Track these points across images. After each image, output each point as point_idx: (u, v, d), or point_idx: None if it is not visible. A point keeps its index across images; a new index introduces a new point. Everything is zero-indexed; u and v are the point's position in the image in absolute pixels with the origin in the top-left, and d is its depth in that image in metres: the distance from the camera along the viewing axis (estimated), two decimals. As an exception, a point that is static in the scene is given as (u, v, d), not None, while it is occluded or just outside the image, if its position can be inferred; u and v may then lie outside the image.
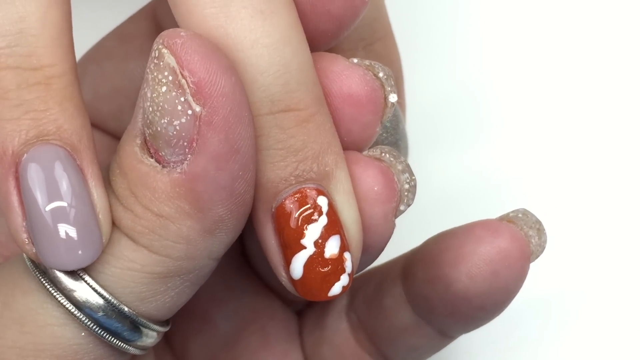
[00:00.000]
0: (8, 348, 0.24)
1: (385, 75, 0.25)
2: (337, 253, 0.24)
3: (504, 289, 0.27)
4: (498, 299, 0.27)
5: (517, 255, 0.27)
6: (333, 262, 0.24)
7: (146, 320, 0.24)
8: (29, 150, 0.23)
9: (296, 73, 0.23)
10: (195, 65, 0.22)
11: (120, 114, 0.31)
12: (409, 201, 0.26)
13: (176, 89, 0.22)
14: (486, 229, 0.27)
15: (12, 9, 0.23)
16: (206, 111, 0.22)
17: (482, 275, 0.27)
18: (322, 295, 0.25)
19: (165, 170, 0.23)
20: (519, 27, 0.41)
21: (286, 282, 0.25)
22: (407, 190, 0.26)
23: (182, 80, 0.22)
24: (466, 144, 0.39)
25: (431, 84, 0.39)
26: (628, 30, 0.41)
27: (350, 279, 0.25)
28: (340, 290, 0.25)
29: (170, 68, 0.22)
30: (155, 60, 0.22)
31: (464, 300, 0.27)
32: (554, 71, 0.41)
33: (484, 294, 0.27)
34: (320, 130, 0.24)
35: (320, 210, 0.24)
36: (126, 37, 0.31)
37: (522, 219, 0.27)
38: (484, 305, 0.27)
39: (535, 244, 0.27)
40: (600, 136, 0.40)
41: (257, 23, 0.23)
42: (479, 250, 0.27)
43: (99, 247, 0.23)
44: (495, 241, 0.27)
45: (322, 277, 0.24)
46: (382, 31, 0.31)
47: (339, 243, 0.24)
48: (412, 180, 0.26)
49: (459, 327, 0.29)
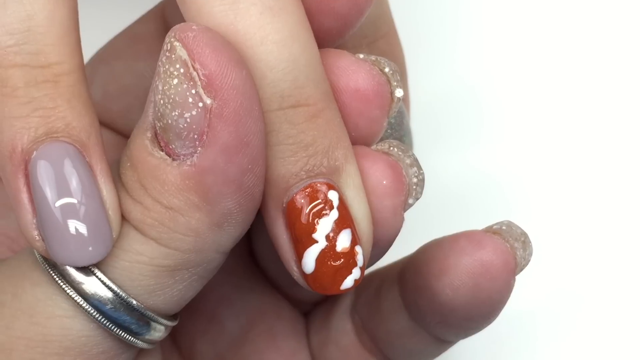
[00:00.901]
0: (17, 338, 0.24)
1: (391, 70, 0.26)
2: (348, 247, 0.24)
3: (487, 301, 0.27)
4: (483, 311, 0.27)
5: (501, 268, 0.26)
6: (345, 255, 0.24)
7: (154, 313, 0.24)
8: (39, 147, 0.23)
9: (305, 69, 0.24)
10: (207, 58, 0.22)
11: (129, 113, 0.31)
12: (418, 195, 0.26)
13: (187, 82, 0.22)
14: (470, 240, 0.27)
15: (20, 7, 0.23)
16: (217, 104, 0.22)
17: (465, 288, 0.27)
18: (334, 289, 0.25)
19: (175, 162, 0.23)
20: (522, 25, 0.41)
21: (298, 276, 0.25)
22: (416, 184, 0.26)
23: (193, 72, 0.22)
24: (469, 140, 0.40)
25: (434, 81, 0.40)
26: (629, 25, 0.41)
27: (361, 272, 0.25)
28: (352, 283, 0.25)
29: (182, 61, 0.22)
30: (167, 53, 0.22)
31: (450, 311, 0.27)
32: (558, 68, 0.41)
33: (467, 305, 0.27)
34: (329, 125, 0.24)
35: (331, 204, 0.24)
36: (136, 37, 0.31)
37: (506, 231, 0.27)
38: (470, 316, 0.27)
39: (520, 256, 0.27)
40: (603, 136, 0.40)
41: (266, 20, 0.23)
42: (461, 262, 0.27)
43: (109, 244, 0.23)
44: (478, 253, 0.27)
45: (335, 271, 0.24)
46: (385, 28, 0.32)
47: (350, 237, 0.24)
48: (421, 174, 0.26)
49: (451, 335, 0.29)
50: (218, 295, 0.31)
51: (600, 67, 0.41)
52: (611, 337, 0.39)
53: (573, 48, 0.41)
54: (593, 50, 0.41)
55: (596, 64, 0.41)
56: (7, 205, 0.28)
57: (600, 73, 0.41)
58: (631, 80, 0.41)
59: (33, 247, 0.24)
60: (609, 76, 0.41)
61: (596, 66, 0.41)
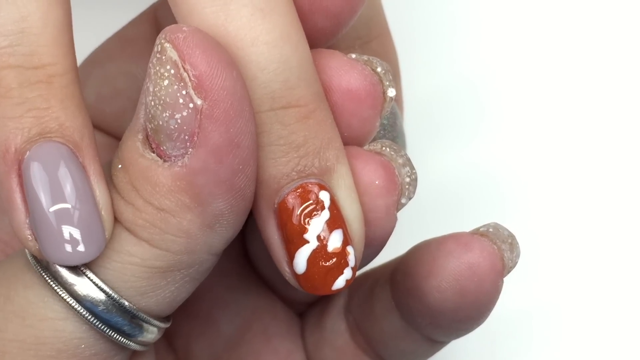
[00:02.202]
0: (9, 341, 0.24)
1: (383, 70, 0.26)
2: (340, 247, 0.24)
3: (475, 304, 0.27)
4: (471, 313, 0.27)
5: (488, 270, 0.26)
6: (336, 255, 0.24)
7: (146, 315, 0.24)
8: (32, 147, 0.23)
9: (296, 70, 0.24)
10: (197, 58, 0.22)
11: (122, 115, 0.31)
12: (410, 194, 0.26)
13: (178, 82, 0.22)
14: (457, 243, 0.27)
15: (13, 8, 0.23)
16: (207, 104, 0.22)
17: (451, 290, 0.27)
18: (325, 289, 0.25)
19: (166, 164, 0.23)
20: (514, 25, 0.42)
21: (290, 277, 0.25)
22: (408, 184, 0.26)
23: (184, 73, 0.22)
24: (463, 141, 0.40)
25: (428, 81, 0.40)
26: (624, 20, 0.41)
27: (353, 272, 0.25)
28: (344, 284, 0.25)
29: (172, 62, 0.22)
30: (158, 55, 0.22)
31: (439, 312, 0.27)
32: (550, 67, 0.41)
33: (456, 307, 0.27)
34: (321, 126, 0.24)
35: (323, 205, 0.24)
36: (128, 40, 0.31)
37: (493, 233, 0.27)
38: (459, 318, 0.27)
39: (507, 258, 0.27)
40: (598, 134, 0.40)
41: (257, 21, 0.23)
42: (448, 264, 0.27)
43: (102, 244, 0.23)
44: (465, 256, 0.27)
45: (326, 271, 0.24)
46: (378, 29, 0.32)
47: (341, 237, 0.24)
48: (413, 174, 0.26)
49: (442, 335, 0.29)
50: (213, 297, 0.31)
51: (594, 64, 0.41)
52: (605, 337, 0.39)
53: (565, 47, 0.41)
54: (587, 47, 0.41)
55: (590, 61, 0.41)
56: (0, 209, 0.28)
57: (594, 69, 0.41)
58: (627, 76, 0.41)
59: (26, 247, 0.24)
60: (603, 73, 0.41)
61: (590, 63, 0.41)
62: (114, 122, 0.31)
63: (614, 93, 0.41)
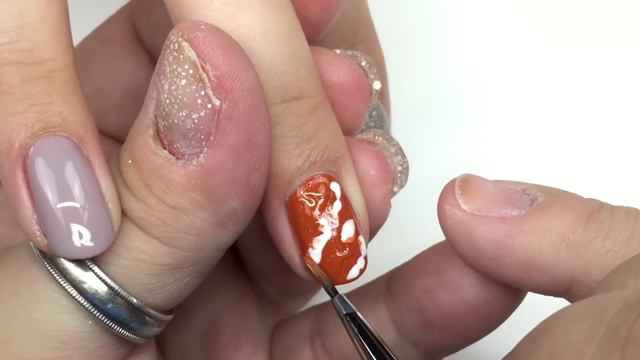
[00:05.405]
0: (15, 332, 0.24)
1: (367, 63, 0.26)
2: (352, 237, 0.25)
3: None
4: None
5: None
6: (350, 245, 0.25)
7: (152, 310, 0.24)
8: (36, 142, 0.23)
9: (304, 62, 0.24)
10: (218, 59, 0.22)
11: (104, 113, 0.31)
12: (402, 182, 0.27)
13: (196, 83, 0.22)
14: None
15: (12, 5, 0.23)
16: (227, 105, 0.22)
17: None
18: (341, 279, 0.25)
19: (180, 162, 0.23)
20: (496, 27, 0.42)
21: (302, 270, 0.25)
22: (400, 172, 0.26)
23: (203, 74, 0.22)
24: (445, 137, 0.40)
25: (413, 81, 0.40)
26: (607, 16, 0.42)
27: (365, 262, 0.25)
28: (358, 273, 0.25)
29: (191, 61, 0.22)
30: (175, 53, 0.22)
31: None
32: (531, 66, 0.42)
33: None
34: (328, 117, 0.25)
35: (334, 195, 0.24)
36: (107, 39, 0.31)
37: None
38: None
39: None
40: (579, 129, 0.41)
41: (267, 13, 0.23)
42: None
43: (111, 237, 0.23)
44: None
45: (341, 261, 0.25)
46: (364, 32, 0.32)
47: (353, 227, 0.25)
48: (405, 162, 0.26)
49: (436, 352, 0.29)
50: None
51: (576, 63, 0.42)
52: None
53: (547, 46, 0.42)
54: (568, 47, 0.42)
55: (571, 60, 0.42)
56: None
57: (576, 68, 0.41)
58: (610, 73, 0.41)
59: (33, 243, 0.24)
60: (585, 70, 0.41)
61: (572, 62, 0.42)
62: (97, 120, 0.31)
63: (596, 90, 0.41)
